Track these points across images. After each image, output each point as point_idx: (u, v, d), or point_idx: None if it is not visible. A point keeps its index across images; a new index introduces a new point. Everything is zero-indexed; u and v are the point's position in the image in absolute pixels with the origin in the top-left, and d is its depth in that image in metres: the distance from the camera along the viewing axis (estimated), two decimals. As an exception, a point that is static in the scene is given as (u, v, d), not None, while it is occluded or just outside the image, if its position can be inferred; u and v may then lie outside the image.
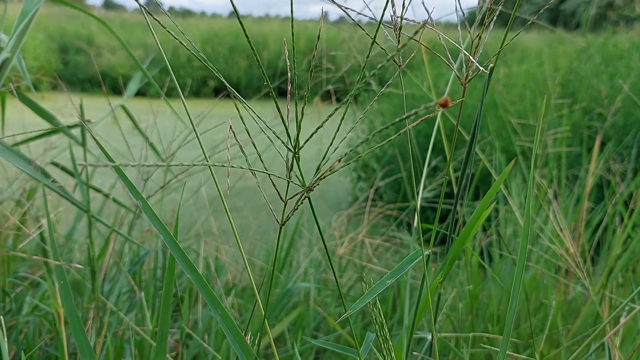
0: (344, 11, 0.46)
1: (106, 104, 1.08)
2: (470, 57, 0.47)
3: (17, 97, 0.85)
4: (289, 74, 0.40)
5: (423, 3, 0.48)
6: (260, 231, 2.46)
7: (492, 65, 0.51)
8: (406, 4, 0.46)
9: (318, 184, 0.39)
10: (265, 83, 0.36)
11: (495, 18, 0.49)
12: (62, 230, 1.69)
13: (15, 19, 0.75)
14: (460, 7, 0.50)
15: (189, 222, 2.10)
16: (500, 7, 0.50)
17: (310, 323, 1.33)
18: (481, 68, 0.47)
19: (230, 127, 0.42)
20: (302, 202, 0.40)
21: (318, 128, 0.38)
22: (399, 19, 0.47)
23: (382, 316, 0.43)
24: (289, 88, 0.40)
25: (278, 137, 0.39)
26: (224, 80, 0.37)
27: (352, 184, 3.56)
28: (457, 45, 0.50)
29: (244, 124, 0.41)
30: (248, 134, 0.42)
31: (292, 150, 0.39)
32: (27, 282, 1.18)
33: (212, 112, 1.30)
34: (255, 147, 0.41)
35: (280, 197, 0.41)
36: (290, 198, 0.40)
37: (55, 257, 0.58)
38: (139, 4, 0.36)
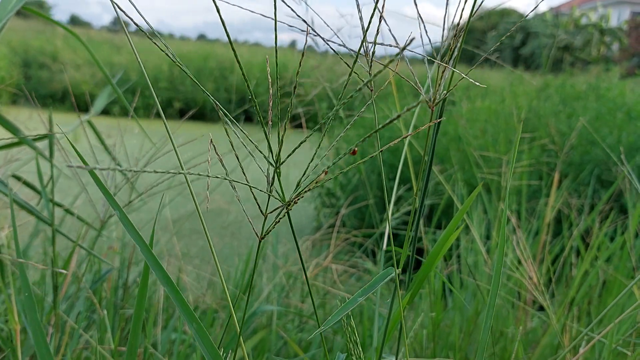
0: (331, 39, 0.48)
1: (68, 121, 1.07)
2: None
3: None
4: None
5: (395, 37, 0.50)
6: (223, 255, 2.42)
7: (447, 92, 0.53)
8: (375, 39, 0.48)
9: (299, 200, 0.39)
10: (232, 106, 0.37)
11: (458, 54, 0.51)
12: (14, 248, 1.64)
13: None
14: (430, 42, 0.52)
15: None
16: (461, 44, 0.52)
17: (273, 348, 1.31)
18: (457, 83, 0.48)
19: (211, 141, 0.42)
20: (282, 217, 0.40)
21: (301, 143, 0.39)
22: (371, 51, 0.48)
23: (356, 334, 0.43)
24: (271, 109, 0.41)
25: (260, 151, 0.40)
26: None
27: (317, 211, 3.56)
28: (413, 80, 0.52)
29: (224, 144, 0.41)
30: (235, 150, 0.42)
31: (274, 164, 0.39)
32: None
33: (176, 132, 1.30)
34: (237, 159, 0.41)
35: (261, 211, 0.41)
36: (271, 212, 0.40)
37: (21, 269, 0.56)
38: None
